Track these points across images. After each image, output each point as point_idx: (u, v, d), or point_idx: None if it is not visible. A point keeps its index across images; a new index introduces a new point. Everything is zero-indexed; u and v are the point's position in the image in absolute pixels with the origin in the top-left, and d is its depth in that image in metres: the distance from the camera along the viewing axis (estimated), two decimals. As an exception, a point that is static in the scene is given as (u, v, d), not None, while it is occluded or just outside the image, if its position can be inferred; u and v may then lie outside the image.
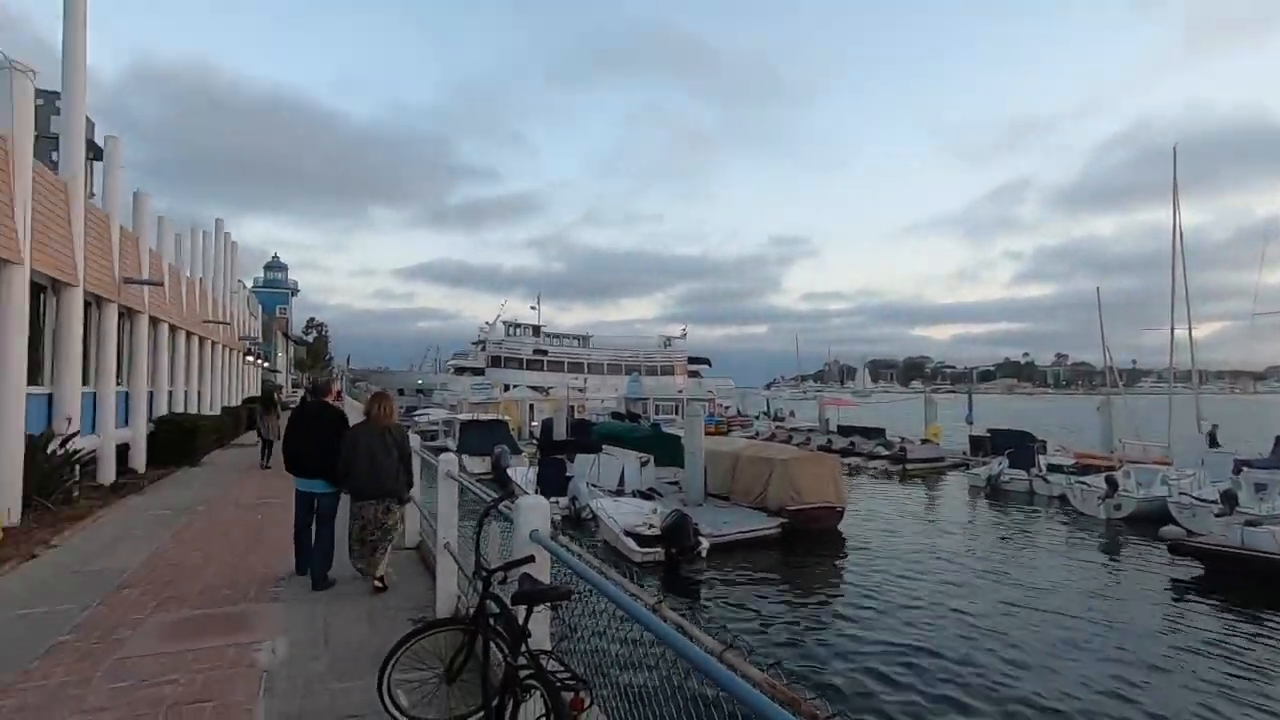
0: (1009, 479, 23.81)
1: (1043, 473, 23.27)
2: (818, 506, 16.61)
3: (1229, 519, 15.25)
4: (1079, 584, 13.36)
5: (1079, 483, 20.62)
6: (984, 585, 13.04)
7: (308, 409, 6.75)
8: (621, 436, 24.28)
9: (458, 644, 3.49)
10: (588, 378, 68.23)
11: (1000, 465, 24.39)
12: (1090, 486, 19.94)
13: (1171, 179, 24.22)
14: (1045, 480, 22.76)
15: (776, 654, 9.44)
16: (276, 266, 73.90)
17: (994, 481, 23.87)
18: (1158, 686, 8.65)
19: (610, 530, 14.71)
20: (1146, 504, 18.29)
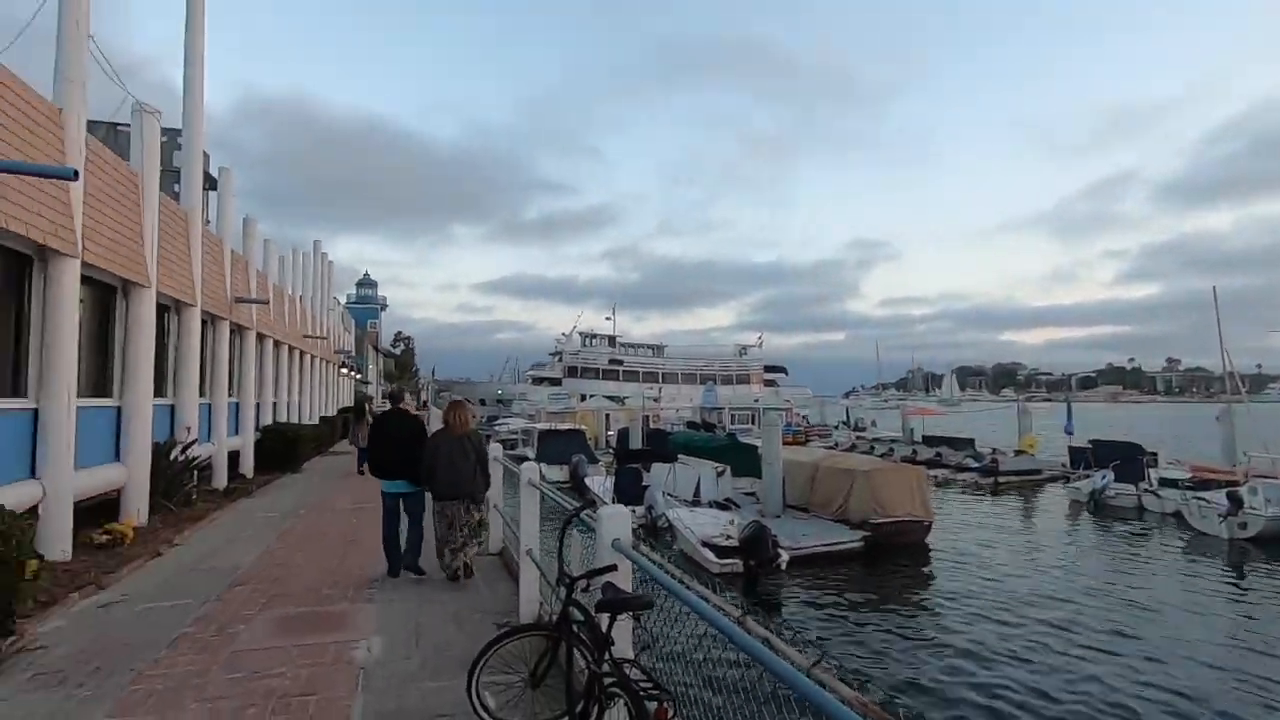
0: (1115, 494, 22.18)
1: (1154, 487, 21.56)
2: (902, 520, 16.00)
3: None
4: (1202, 608, 12.28)
5: (1197, 498, 18.96)
6: (1089, 607, 12.17)
7: (388, 417, 7.36)
8: (697, 446, 24.18)
9: (542, 649, 3.56)
10: (663, 387, 68.37)
11: (1105, 479, 22.74)
12: (1210, 503, 18.31)
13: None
14: (1157, 496, 21.07)
15: (863, 672, 9.14)
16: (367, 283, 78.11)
17: (1098, 496, 22.27)
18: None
19: (687, 541, 14.65)
20: (1276, 523, 16.63)
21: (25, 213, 6.79)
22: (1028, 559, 15.85)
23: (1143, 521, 20.11)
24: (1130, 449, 25.05)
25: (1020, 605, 12.19)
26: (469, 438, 6.72)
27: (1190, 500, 19.08)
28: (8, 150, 6.58)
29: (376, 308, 76.00)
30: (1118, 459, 23.95)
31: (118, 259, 8.90)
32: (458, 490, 6.52)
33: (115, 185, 9.04)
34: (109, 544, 7.89)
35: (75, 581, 6.45)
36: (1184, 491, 20.09)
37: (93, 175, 8.29)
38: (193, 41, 12.12)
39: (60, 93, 7.71)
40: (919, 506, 16.35)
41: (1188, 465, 24.48)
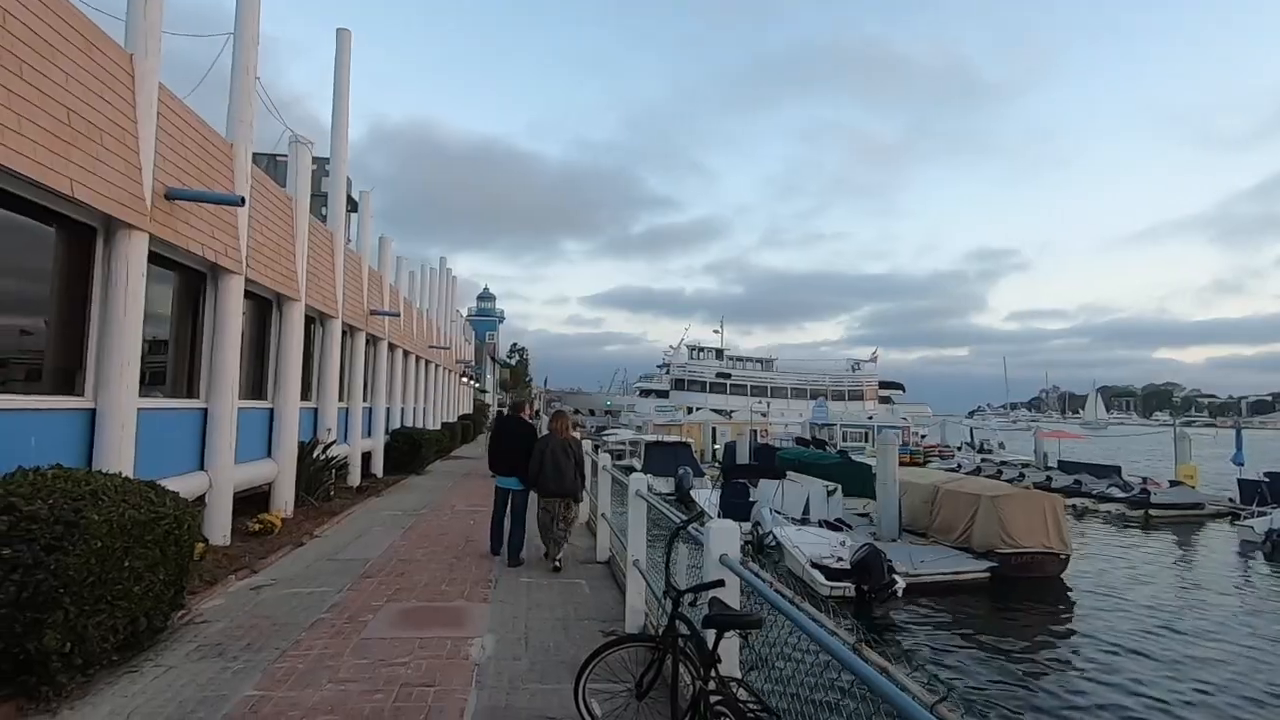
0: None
1: (1349, 530, 18.58)
2: (1035, 551, 14.71)
3: None
4: None
5: None
6: (1257, 664, 10.62)
7: (506, 422, 8.57)
8: (807, 463, 23.49)
9: (647, 661, 3.57)
10: (771, 401, 67.10)
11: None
12: None
13: None
14: (1353, 540, 18.14)
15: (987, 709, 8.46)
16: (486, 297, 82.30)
17: (1276, 538, 19.44)
18: None
19: (795, 560, 14.22)
20: None
21: (202, 235, 7.72)
22: (1185, 605, 14.07)
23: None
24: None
25: (1171, 657, 10.83)
26: (570, 444, 7.66)
27: (1399, 548, 16.26)
28: (191, 181, 7.51)
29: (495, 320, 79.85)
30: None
31: (275, 275, 9.91)
32: (561, 489, 7.46)
33: (273, 209, 10.10)
34: (260, 532, 8.74)
35: (232, 565, 7.19)
36: (1391, 537, 17.16)
37: (256, 201, 9.30)
38: (340, 79, 13.34)
39: (232, 130, 8.72)
40: (1054, 537, 14.97)
41: (1395, 506, 20.93)
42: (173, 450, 7.68)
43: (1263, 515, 20.89)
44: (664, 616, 3.57)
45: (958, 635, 11.53)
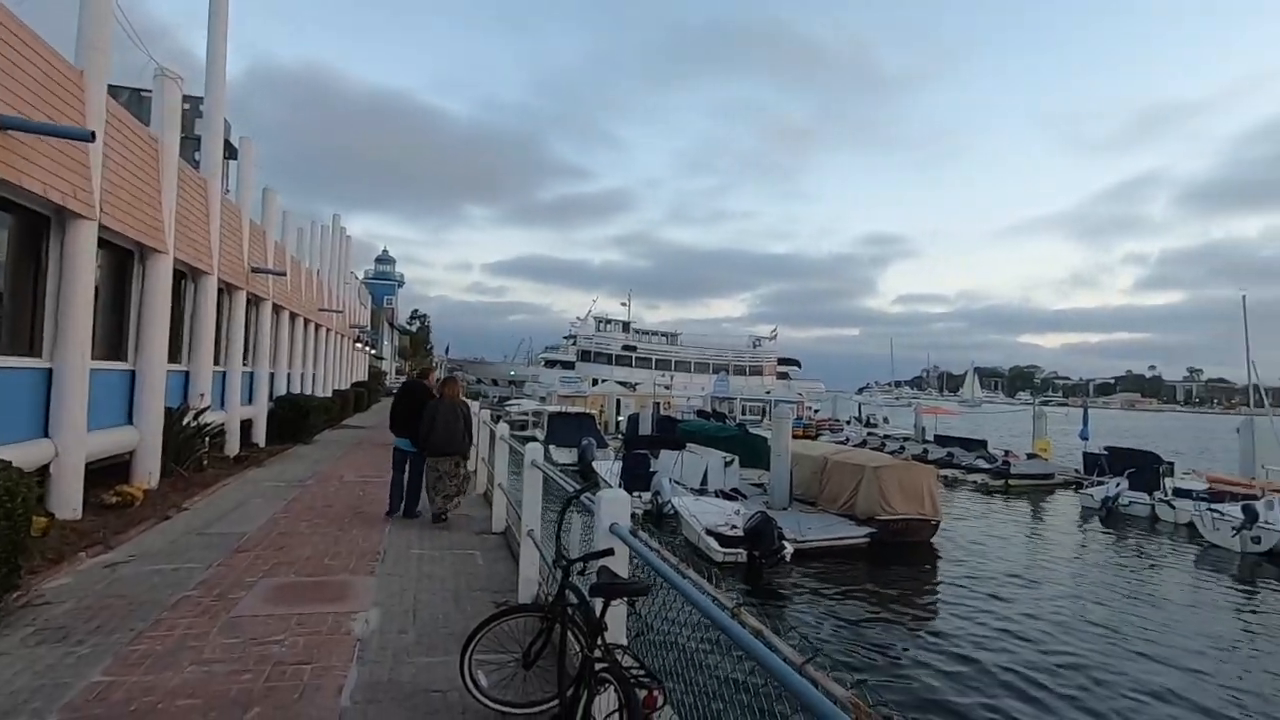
0: (1128, 502, 21.89)
1: (1168, 497, 21.27)
2: (910, 518, 15.89)
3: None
4: (1208, 624, 12.10)
5: (1211, 510, 18.66)
6: (1095, 617, 12.03)
7: (410, 387, 9.06)
8: (707, 435, 24.12)
9: (536, 630, 3.55)
10: (675, 375, 68.33)
11: (1118, 487, 22.46)
12: (1225, 515, 18.01)
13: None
14: (1171, 506, 20.78)
15: (860, 670, 9.10)
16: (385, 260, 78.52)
17: (1110, 504, 22.00)
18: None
19: (691, 528, 14.65)
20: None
21: (44, 173, 6.82)
22: (1035, 564, 15.70)
23: (1155, 532, 19.85)
24: (1146, 457, 24.69)
25: (1023, 610, 12.07)
26: (459, 406, 8.22)
27: (1204, 512, 18.77)
28: (29, 111, 6.59)
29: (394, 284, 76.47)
30: (1132, 467, 23.63)
31: (135, 223, 8.94)
32: (448, 448, 8.00)
33: (135, 150, 9.06)
34: (119, 505, 7.99)
35: (84, 541, 6.54)
36: (1198, 503, 19.77)
37: (113, 139, 8.31)
38: (216, 6, 12.09)
39: (83, 56, 7.71)
40: (928, 505, 16.22)
41: (1204, 476, 24.13)
42: (8, 414, 6.84)
43: (1100, 485, 23.53)
44: (555, 586, 3.55)
45: (837, 596, 12.31)
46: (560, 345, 74.10)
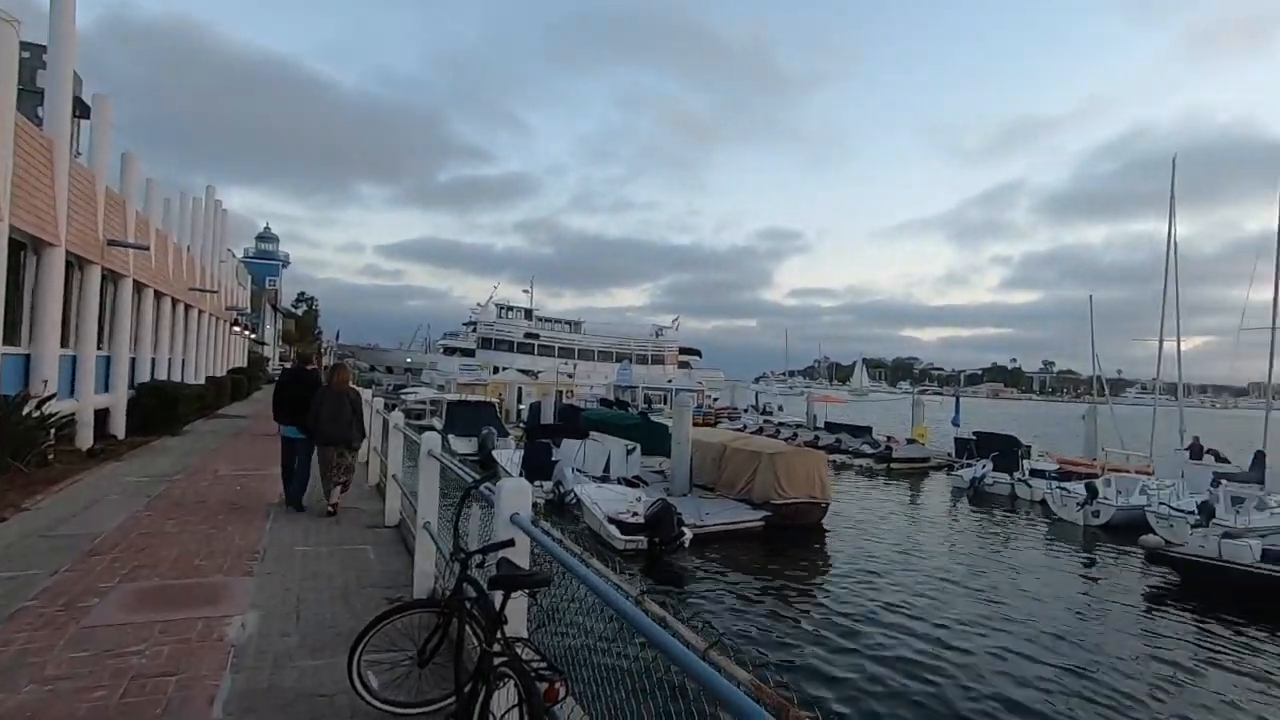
0: (992, 482, 23.98)
1: (1025, 477, 23.45)
2: (802, 501, 16.64)
3: (1205, 530, 15.40)
4: (1055, 588, 13.47)
5: (1060, 488, 20.75)
6: (961, 586, 13.12)
7: (293, 374, 8.86)
8: (609, 423, 24.23)
9: (432, 627, 3.40)
10: (578, 363, 68.11)
11: (984, 468, 24.55)
12: (1070, 492, 20.08)
13: (1168, 189, 24.32)
14: (1027, 485, 22.94)
15: (756, 648, 9.44)
16: (267, 238, 73.04)
17: (977, 484, 24.03)
18: (1121, 691, 8.71)
19: (594, 517, 14.66)
20: (1124, 512, 18.45)
21: None
22: (911, 540, 16.89)
23: (1014, 508, 21.85)
24: (1007, 441, 27.09)
25: (903, 582, 12.98)
26: (348, 394, 8.00)
27: (1054, 490, 20.86)
28: None
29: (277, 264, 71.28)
30: (996, 450, 25.87)
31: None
32: (337, 436, 7.83)
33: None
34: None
35: (-107, 548, 5.67)
36: (1050, 482, 21.94)
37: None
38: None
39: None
40: (818, 488, 17.05)
41: (1055, 458, 26.79)
42: None
43: (969, 466, 25.62)
44: (453, 580, 3.41)
45: (735, 579, 12.72)
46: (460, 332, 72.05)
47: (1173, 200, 24.23)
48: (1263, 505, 17.99)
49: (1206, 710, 8.38)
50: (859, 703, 8.14)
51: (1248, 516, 17.05)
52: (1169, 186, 24.38)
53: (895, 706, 8.07)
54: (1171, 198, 24.26)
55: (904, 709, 8.02)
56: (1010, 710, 8.08)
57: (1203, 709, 8.40)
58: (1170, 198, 24.26)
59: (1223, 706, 8.51)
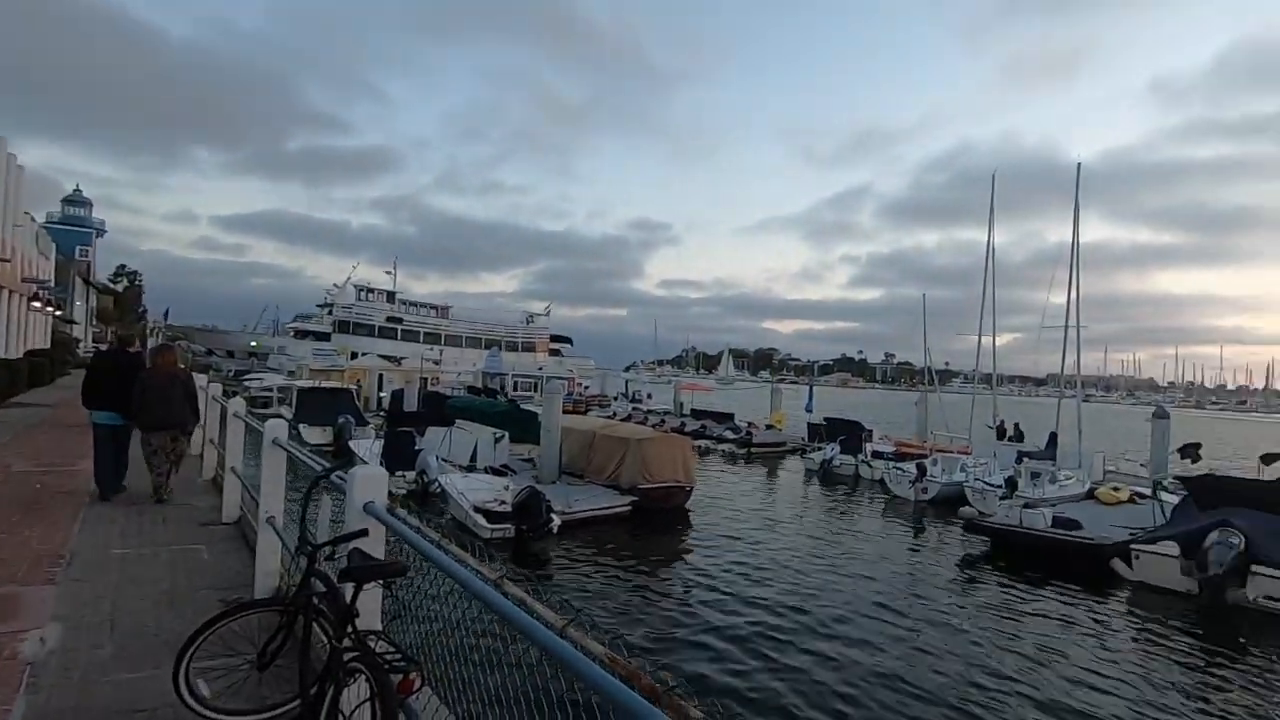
0: (839, 464, 26.01)
1: (867, 459, 25.66)
2: (668, 485, 17.17)
3: (1010, 501, 17.66)
4: (890, 555, 14.93)
5: (895, 468, 22.94)
6: (811, 555, 14.25)
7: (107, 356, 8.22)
8: (477, 411, 23.60)
9: (274, 626, 3.18)
10: (444, 349, 65.70)
11: (832, 451, 26.58)
12: (904, 472, 22.25)
13: (988, 201, 27.40)
14: (869, 465, 25.11)
15: (623, 629, 9.66)
16: (77, 201, 63.77)
17: (826, 466, 25.98)
18: (943, 639, 9.85)
19: (459, 506, 14.28)
20: (948, 488, 20.73)
21: None
22: (767, 518, 18.00)
23: (857, 487, 23.87)
24: (853, 427, 29.50)
25: (760, 556, 13.85)
26: (178, 376, 7.69)
27: (891, 469, 23.03)
28: None
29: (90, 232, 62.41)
30: (843, 435, 28.09)
31: None
32: (167, 421, 7.37)
33: None
34: None
35: None
36: (887, 462, 24.20)
37: None
38: None
39: None
40: (682, 473, 17.66)
41: (893, 441, 29.52)
42: None
43: (819, 450, 27.63)
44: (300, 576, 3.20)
45: (601, 563, 12.92)
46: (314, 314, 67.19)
47: (992, 212, 27.37)
48: (1054, 479, 20.93)
49: (1009, 640, 9.64)
50: (719, 663, 8.59)
51: (1042, 489, 19.77)
52: (989, 199, 27.49)
53: (751, 668, 8.58)
54: (991, 210, 27.39)
55: (760, 671, 8.55)
56: (850, 659, 8.87)
57: (1005, 646, 9.66)
58: (990, 210, 27.37)
59: (1018, 643, 9.83)
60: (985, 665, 9.22)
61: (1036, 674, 9.00)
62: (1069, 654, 9.77)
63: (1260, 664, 9.77)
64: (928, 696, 8.21)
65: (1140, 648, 10.29)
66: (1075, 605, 12.01)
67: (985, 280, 26.85)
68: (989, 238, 26.97)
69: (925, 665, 9.10)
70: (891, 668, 8.93)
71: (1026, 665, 9.29)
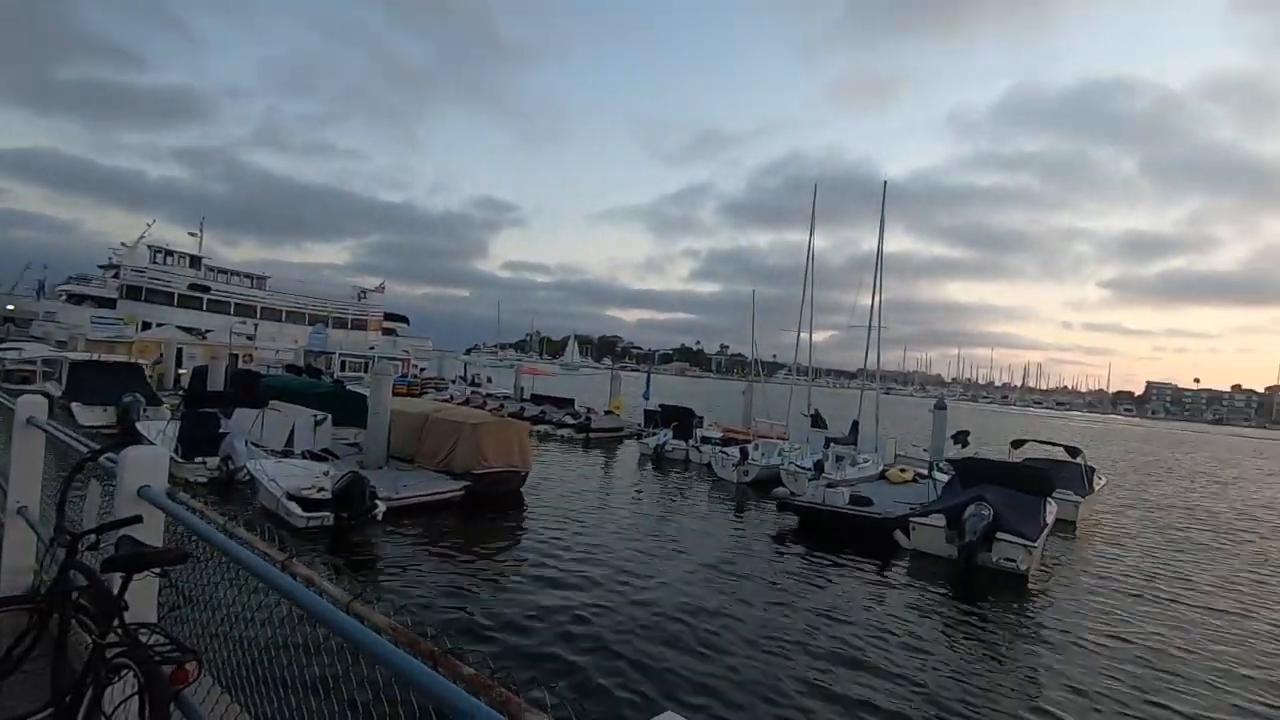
0: (672, 448, 27.26)
1: (697, 444, 27.15)
2: (503, 470, 17.04)
3: (817, 482, 19.59)
4: (713, 532, 15.99)
5: (721, 452, 24.51)
6: (640, 536, 14.87)
7: None
8: (296, 392, 21.86)
9: (23, 627, 2.83)
10: (260, 323, 59.70)
11: (665, 436, 27.79)
12: (729, 455, 23.84)
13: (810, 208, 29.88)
14: (699, 450, 26.58)
15: (452, 610, 9.53)
16: None
17: (660, 450, 27.12)
18: (752, 605, 10.81)
19: (270, 494, 13.19)
20: (766, 470, 22.54)
21: None
22: (602, 500, 18.49)
23: (687, 470, 25.19)
24: (685, 413, 31.03)
25: (593, 536, 14.22)
26: None
27: (717, 454, 24.57)
28: None
29: None
30: (676, 421, 29.48)
31: None
32: None
33: None
34: None
35: None
36: (715, 447, 25.78)
37: None
38: None
39: None
40: (518, 457, 17.60)
41: (721, 427, 31.46)
42: None
43: (654, 435, 28.76)
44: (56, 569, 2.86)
45: (432, 550, 12.58)
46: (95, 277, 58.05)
47: (813, 219, 29.87)
48: (854, 462, 23.49)
49: (808, 602, 10.77)
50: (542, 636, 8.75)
51: (844, 471, 22.12)
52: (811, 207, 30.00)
53: (576, 638, 8.85)
54: (812, 217, 29.88)
55: (584, 638, 8.84)
56: (669, 625, 9.43)
57: (804, 607, 10.78)
58: (811, 217, 29.88)
59: (815, 604, 11.02)
60: (784, 624, 10.27)
61: (825, 629, 10.18)
62: (852, 612, 11.14)
63: (997, 611, 11.79)
64: (734, 652, 9.06)
65: (911, 604, 11.95)
66: (864, 571, 13.65)
67: (806, 281, 29.32)
68: (809, 242, 29.47)
69: (736, 628, 9.95)
70: (705, 631, 9.66)
71: (819, 621, 10.47)
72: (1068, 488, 19.90)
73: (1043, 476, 16.80)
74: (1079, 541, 18.09)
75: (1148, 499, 27.44)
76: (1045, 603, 12.61)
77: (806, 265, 29.11)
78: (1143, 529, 20.62)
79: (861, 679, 8.63)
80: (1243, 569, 16.40)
